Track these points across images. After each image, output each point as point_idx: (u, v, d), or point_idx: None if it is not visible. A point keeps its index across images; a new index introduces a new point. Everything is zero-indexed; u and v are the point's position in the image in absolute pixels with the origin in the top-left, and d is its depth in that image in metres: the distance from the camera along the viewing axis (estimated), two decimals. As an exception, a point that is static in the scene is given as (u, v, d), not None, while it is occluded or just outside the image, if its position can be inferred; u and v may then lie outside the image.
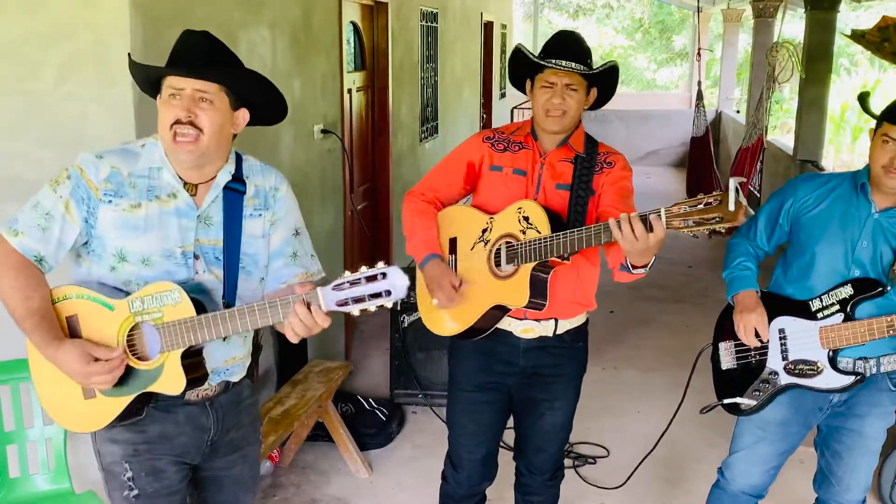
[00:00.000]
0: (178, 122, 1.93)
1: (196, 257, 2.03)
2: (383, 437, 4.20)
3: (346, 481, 3.85)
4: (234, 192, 2.06)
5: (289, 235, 2.17)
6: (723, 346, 2.72)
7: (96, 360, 1.95)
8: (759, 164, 7.66)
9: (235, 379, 2.19)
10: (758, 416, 2.65)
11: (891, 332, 2.40)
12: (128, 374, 2.00)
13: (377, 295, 1.77)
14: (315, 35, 4.48)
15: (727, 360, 2.70)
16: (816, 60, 7.64)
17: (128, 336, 1.99)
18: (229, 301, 2.07)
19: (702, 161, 9.19)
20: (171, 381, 1.99)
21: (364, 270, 1.78)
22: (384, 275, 1.77)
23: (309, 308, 1.85)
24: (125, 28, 2.70)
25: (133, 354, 2.01)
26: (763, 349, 2.60)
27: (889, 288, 2.43)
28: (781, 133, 14.66)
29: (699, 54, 10.04)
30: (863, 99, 2.80)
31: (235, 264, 2.07)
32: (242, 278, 2.10)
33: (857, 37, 5.39)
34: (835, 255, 2.50)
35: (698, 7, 10.73)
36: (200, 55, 1.97)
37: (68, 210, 1.96)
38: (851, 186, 2.54)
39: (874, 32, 5.14)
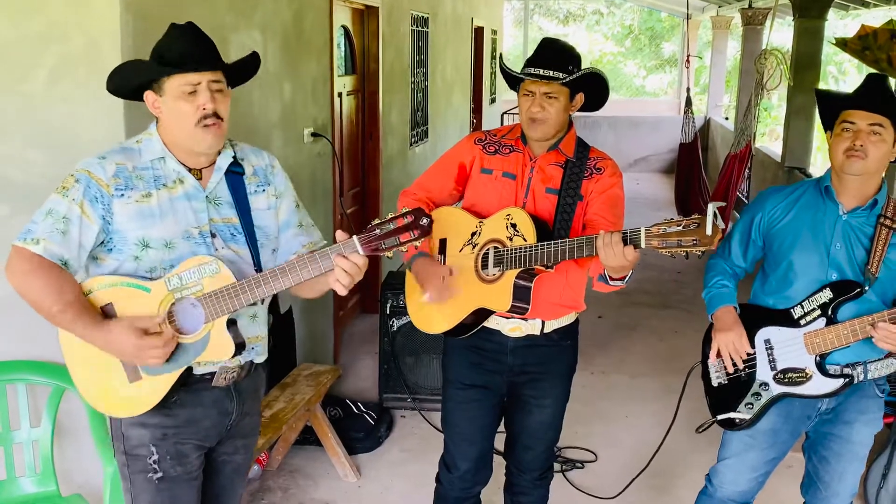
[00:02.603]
0: (206, 114, 2.02)
1: (213, 235, 2.12)
2: (372, 441, 4.20)
3: (334, 485, 3.85)
4: (235, 174, 2.18)
5: (293, 207, 2.31)
6: (711, 362, 2.72)
7: (146, 334, 2.01)
8: (747, 170, 7.70)
9: (260, 359, 2.28)
10: None
11: (872, 331, 2.37)
12: (174, 350, 2.07)
13: (405, 231, 1.95)
14: (306, 38, 4.49)
15: (717, 376, 2.70)
16: (804, 68, 7.70)
17: (167, 315, 2.05)
18: (258, 269, 2.17)
19: (690, 168, 9.22)
20: (219, 348, 2.09)
21: (390, 215, 1.97)
22: (408, 214, 1.95)
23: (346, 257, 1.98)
24: (116, 31, 2.71)
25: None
26: (751, 362, 2.61)
27: (867, 287, 2.44)
28: (770, 140, 14.75)
29: (688, 61, 10.11)
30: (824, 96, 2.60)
31: (254, 235, 2.18)
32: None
33: (841, 44, 5.44)
34: (811, 262, 2.51)
35: (687, 14, 10.79)
36: (205, 48, 2.06)
37: (84, 211, 2.00)
38: (816, 192, 2.56)
39: (855, 41, 5.20)
